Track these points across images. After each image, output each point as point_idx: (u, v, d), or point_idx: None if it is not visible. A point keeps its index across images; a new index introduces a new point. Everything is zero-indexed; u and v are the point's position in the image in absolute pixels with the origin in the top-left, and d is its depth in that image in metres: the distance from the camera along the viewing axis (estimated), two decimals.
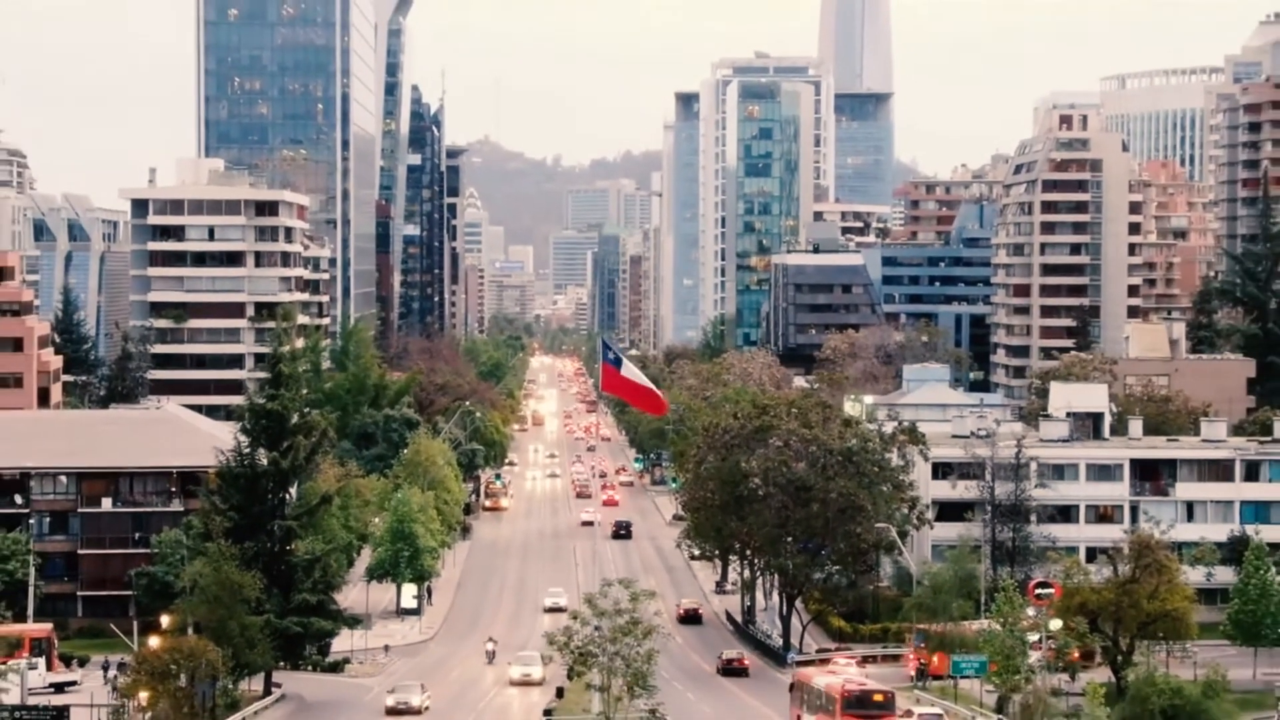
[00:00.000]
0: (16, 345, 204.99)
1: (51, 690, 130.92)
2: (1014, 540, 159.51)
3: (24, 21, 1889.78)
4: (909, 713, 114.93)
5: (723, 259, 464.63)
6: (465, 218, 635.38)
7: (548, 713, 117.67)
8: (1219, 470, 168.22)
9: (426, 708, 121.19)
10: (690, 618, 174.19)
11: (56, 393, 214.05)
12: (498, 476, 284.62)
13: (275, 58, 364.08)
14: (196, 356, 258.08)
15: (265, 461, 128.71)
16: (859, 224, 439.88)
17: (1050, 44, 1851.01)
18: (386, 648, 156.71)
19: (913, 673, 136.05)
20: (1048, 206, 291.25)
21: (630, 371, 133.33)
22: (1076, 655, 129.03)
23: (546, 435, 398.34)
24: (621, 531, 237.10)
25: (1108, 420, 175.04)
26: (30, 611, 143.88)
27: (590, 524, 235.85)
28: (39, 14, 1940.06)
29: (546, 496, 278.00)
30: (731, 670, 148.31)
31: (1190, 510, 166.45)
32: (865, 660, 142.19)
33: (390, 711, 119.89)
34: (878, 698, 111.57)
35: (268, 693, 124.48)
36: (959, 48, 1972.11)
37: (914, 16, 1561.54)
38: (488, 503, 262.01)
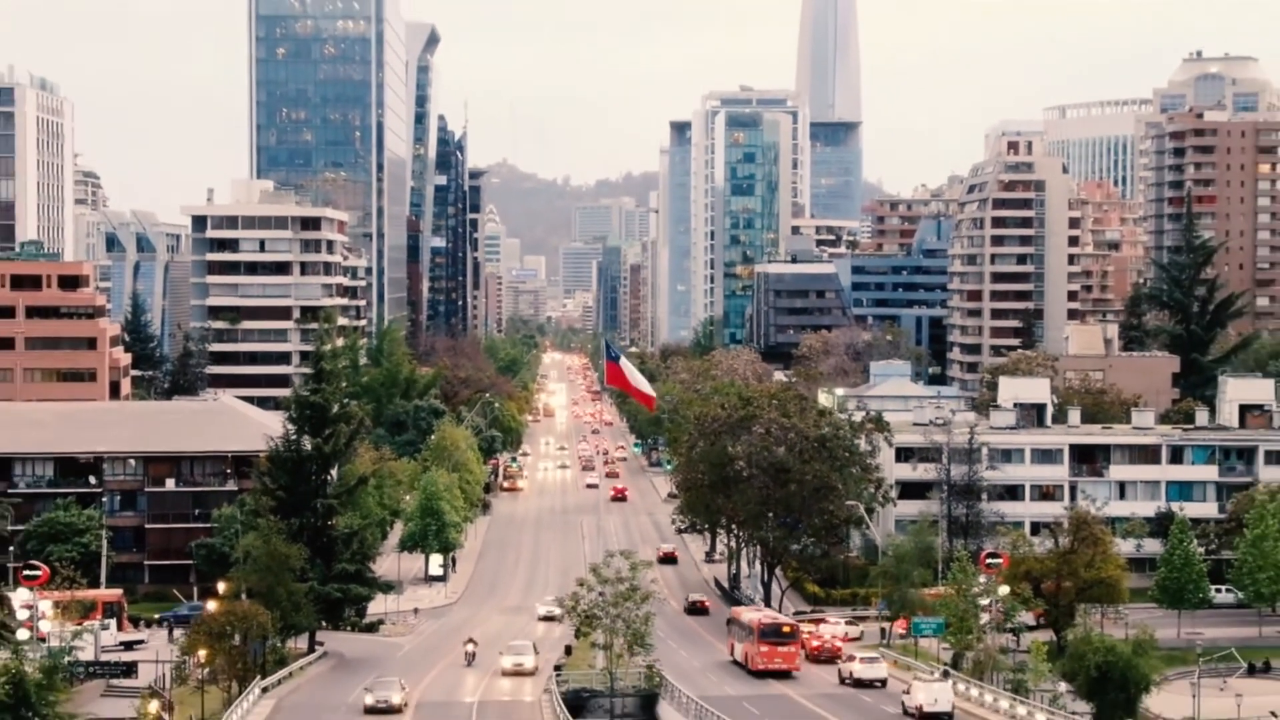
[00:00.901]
0: (91, 344, 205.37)
1: (122, 648, 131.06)
2: (967, 516, 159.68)
3: (98, 56, 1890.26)
4: (852, 657, 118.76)
5: (712, 268, 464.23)
6: (485, 231, 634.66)
7: (558, 668, 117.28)
8: (1147, 454, 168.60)
9: (406, 704, 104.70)
10: (667, 559, 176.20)
11: (126, 386, 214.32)
12: (514, 460, 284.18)
13: (318, 91, 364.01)
14: (249, 354, 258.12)
15: (309, 447, 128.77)
16: (831, 237, 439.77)
17: (1000, 75, 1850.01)
18: (416, 610, 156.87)
19: (902, 632, 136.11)
20: (997, 222, 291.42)
21: (628, 369, 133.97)
22: (1039, 613, 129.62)
23: (556, 427, 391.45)
24: (619, 496, 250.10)
25: (1049, 410, 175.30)
26: (103, 578, 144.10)
27: (594, 487, 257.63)
28: (112, 51, 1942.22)
29: (556, 483, 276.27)
30: (695, 610, 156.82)
31: (1122, 489, 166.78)
32: (849, 621, 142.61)
33: (369, 711, 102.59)
34: (785, 628, 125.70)
35: (311, 650, 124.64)
36: (921, 78, 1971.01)
37: (881, 48, 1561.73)
38: (505, 483, 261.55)
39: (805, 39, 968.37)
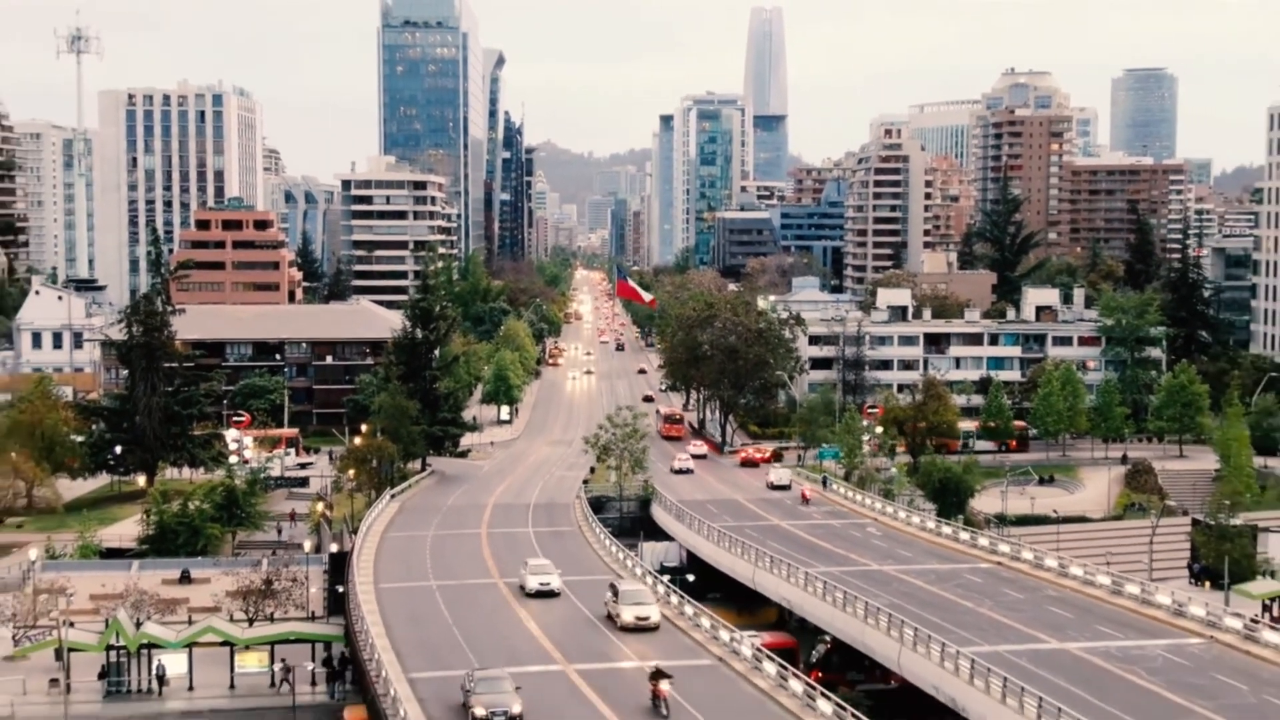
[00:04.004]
0: (275, 266, 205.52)
1: (298, 468, 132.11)
2: (855, 380, 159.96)
3: (281, 69, 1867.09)
4: (685, 449, 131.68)
5: (688, 214, 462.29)
6: (536, 189, 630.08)
7: (585, 482, 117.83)
8: (975, 339, 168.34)
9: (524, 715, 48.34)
10: (640, 371, 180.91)
11: (299, 294, 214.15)
12: (556, 343, 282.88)
13: (424, 95, 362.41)
14: (379, 272, 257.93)
15: (420, 336, 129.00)
16: (767, 193, 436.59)
17: (880, 83, 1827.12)
18: (492, 443, 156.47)
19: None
20: (878, 184, 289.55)
21: (634, 285, 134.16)
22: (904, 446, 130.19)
23: (583, 331, 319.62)
24: (619, 348, 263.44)
25: (910, 310, 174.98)
26: (285, 422, 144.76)
27: (606, 343, 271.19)
28: (290, 65, 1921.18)
29: (582, 391, 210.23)
30: (647, 399, 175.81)
31: (958, 362, 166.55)
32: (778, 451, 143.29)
33: None
34: (677, 416, 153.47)
35: (424, 469, 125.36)
36: (828, 84, 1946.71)
37: (803, 63, 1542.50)
38: (550, 359, 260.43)
39: (750, 56, 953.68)
